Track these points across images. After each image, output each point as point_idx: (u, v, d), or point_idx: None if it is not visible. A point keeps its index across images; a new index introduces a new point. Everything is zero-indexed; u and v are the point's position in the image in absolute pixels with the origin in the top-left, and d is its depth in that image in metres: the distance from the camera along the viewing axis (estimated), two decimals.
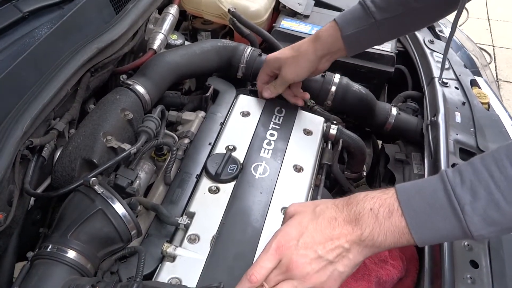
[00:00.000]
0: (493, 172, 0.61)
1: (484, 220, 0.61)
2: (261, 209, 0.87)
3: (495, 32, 3.53)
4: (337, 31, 0.99)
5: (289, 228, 0.68)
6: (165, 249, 0.78)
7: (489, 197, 0.60)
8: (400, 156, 1.15)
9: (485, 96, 1.21)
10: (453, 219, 0.62)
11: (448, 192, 0.62)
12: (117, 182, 0.84)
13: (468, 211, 0.61)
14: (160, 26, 1.22)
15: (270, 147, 0.99)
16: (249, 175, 0.93)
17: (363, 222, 0.65)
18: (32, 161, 0.84)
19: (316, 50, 1.02)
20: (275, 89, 1.08)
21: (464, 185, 0.62)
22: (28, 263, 0.72)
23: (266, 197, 0.89)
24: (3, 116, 0.79)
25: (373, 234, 0.65)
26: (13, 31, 0.89)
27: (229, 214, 0.85)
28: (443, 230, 0.63)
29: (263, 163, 0.95)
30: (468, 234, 0.62)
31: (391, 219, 0.64)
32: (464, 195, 0.61)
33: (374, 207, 0.65)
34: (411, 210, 0.64)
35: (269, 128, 1.03)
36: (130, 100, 0.98)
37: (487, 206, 0.60)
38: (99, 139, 0.87)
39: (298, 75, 1.05)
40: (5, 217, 0.74)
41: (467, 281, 0.78)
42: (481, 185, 0.61)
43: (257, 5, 1.35)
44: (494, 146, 1.06)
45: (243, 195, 0.89)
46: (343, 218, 0.67)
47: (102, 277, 0.75)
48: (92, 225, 0.74)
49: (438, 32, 1.41)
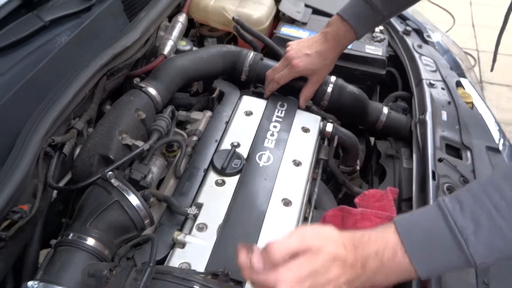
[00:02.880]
0: (493, 197, 0.56)
1: (488, 249, 0.56)
2: (265, 194, 0.87)
3: (479, 37, 3.51)
4: (353, 35, 1.02)
5: (298, 269, 0.58)
6: (176, 236, 0.79)
7: (491, 224, 0.55)
8: (391, 151, 1.15)
9: (469, 96, 1.20)
10: (456, 250, 0.56)
11: (450, 224, 0.57)
12: (132, 176, 0.85)
13: (471, 242, 0.55)
14: (170, 33, 1.23)
15: (273, 137, 1.00)
16: (254, 164, 0.93)
17: (368, 267, 0.60)
18: (54, 157, 0.85)
19: (337, 56, 1.06)
20: (307, 91, 1.10)
21: (465, 214, 0.57)
22: (51, 250, 0.73)
23: (270, 184, 0.90)
24: (27, 116, 0.80)
25: (374, 277, 0.60)
26: (35, 39, 0.89)
27: (236, 199, 0.85)
28: (446, 262, 0.58)
29: (267, 152, 0.96)
30: (472, 263, 0.56)
31: (395, 259, 0.59)
32: (467, 225, 0.56)
33: (378, 251, 0.60)
34: (414, 247, 0.59)
35: (272, 121, 1.04)
36: (143, 101, 0.99)
37: (490, 234, 0.55)
38: (115, 137, 0.88)
39: (322, 80, 1.10)
40: (30, 208, 0.75)
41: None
42: (483, 213, 0.56)
43: (259, 13, 1.35)
44: (478, 142, 1.06)
45: (249, 181, 0.90)
46: (350, 263, 0.60)
47: (119, 262, 0.75)
48: (109, 215, 0.74)
49: (426, 37, 1.40)
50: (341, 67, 1.28)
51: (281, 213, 0.86)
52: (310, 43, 1.06)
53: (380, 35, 1.35)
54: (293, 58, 1.05)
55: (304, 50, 1.06)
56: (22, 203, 0.74)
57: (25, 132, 0.77)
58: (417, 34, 1.41)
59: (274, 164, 0.94)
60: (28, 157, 0.74)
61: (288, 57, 1.07)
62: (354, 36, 1.03)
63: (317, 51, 1.05)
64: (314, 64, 1.05)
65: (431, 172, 0.93)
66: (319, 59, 1.05)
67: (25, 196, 0.76)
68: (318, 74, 1.07)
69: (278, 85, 1.09)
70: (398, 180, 1.06)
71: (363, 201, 0.96)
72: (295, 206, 0.87)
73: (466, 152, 1.03)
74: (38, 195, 0.78)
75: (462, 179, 0.95)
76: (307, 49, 1.05)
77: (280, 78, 1.08)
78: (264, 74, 1.14)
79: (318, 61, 1.05)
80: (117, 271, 0.68)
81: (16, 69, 0.83)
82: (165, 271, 0.69)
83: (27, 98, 0.81)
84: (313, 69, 1.06)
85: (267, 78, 1.12)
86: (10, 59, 0.84)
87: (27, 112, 0.80)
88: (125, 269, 0.68)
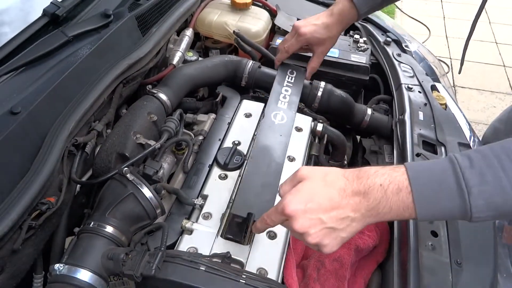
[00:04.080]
0: (502, 160, 0.53)
1: (487, 204, 0.53)
2: (282, 148, 0.86)
3: (452, 47, 3.50)
4: (355, 13, 0.99)
5: (299, 192, 0.60)
6: (184, 224, 0.79)
7: (496, 183, 0.52)
8: (374, 148, 1.14)
9: (443, 98, 1.20)
10: (457, 199, 0.54)
11: (457, 173, 0.54)
12: (145, 171, 0.84)
13: (474, 194, 0.53)
14: (179, 45, 1.22)
15: (285, 100, 0.99)
16: (270, 121, 0.92)
17: (372, 195, 0.57)
18: (77, 155, 0.85)
19: (340, 31, 1.02)
20: (313, 63, 1.07)
21: (473, 169, 0.54)
22: (75, 237, 0.73)
23: (285, 139, 0.88)
24: (53, 119, 0.80)
25: (378, 207, 0.57)
26: (60, 52, 0.89)
27: (255, 149, 0.83)
28: (445, 208, 0.55)
29: (281, 112, 0.95)
30: (468, 215, 0.54)
31: (399, 195, 0.56)
32: (473, 178, 0.53)
33: (384, 183, 0.57)
34: (419, 187, 0.55)
35: (284, 85, 1.04)
36: (155, 106, 0.99)
37: (493, 191, 0.52)
38: (130, 137, 0.88)
39: (326, 52, 1.06)
40: (56, 200, 0.75)
41: (429, 247, 0.78)
42: (490, 171, 0.53)
43: (257, 27, 1.35)
44: (451, 138, 1.06)
45: (266, 137, 0.88)
46: (352, 190, 0.58)
47: (134, 247, 0.75)
48: (125, 206, 0.74)
49: (404, 47, 1.40)
50: (329, 73, 1.28)
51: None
52: (317, 16, 1.02)
53: (363, 45, 1.35)
54: (300, 27, 1.01)
55: (311, 20, 1.02)
56: (49, 196, 0.75)
57: (52, 133, 0.77)
58: (396, 45, 1.41)
59: (288, 123, 0.92)
60: (54, 155, 0.74)
61: (296, 25, 1.03)
62: (356, 14, 0.98)
63: (323, 22, 1.01)
64: (321, 34, 1.00)
65: None
66: (325, 30, 1.01)
67: (52, 190, 0.76)
68: (323, 46, 1.03)
69: (287, 54, 1.07)
70: None
71: None
72: None
73: (441, 148, 1.03)
74: (63, 189, 0.78)
75: None
76: (314, 20, 1.02)
77: (289, 47, 1.05)
78: (262, 80, 1.13)
79: (324, 32, 1.01)
80: (133, 255, 0.68)
81: (44, 78, 0.83)
82: (175, 254, 0.69)
83: (54, 103, 0.81)
84: (318, 38, 1.01)
85: (278, 49, 1.09)
86: (39, 70, 0.84)
87: (53, 115, 0.80)
88: (139, 253, 0.68)
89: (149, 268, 0.65)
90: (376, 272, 0.88)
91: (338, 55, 1.29)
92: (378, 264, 0.88)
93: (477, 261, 0.78)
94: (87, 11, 1.03)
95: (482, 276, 0.76)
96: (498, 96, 2.98)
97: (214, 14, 1.37)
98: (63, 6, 0.96)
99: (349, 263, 0.81)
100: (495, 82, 3.09)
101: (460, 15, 3.91)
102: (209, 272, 0.66)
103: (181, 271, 0.66)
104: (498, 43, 3.57)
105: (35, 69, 0.84)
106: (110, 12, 1.00)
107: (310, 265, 0.79)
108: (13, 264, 0.69)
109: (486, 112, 2.84)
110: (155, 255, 0.66)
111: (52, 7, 0.95)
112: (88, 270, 0.65)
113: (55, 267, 0.65)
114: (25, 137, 0.74)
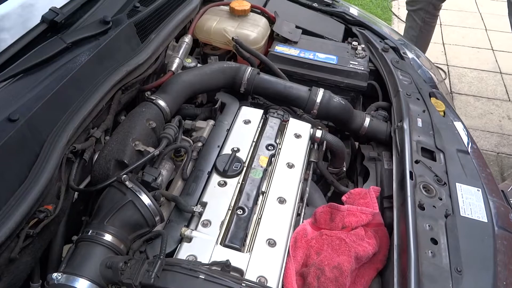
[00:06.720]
0: None
1: None
2: None
3: (449, 54, 3.53)
4: None
5: None
6: (183, 232, 0.78)
7: None
8: (373, 154, 1.14)
9: (441, 105, 1.21)
10: None
11: None
12: (144, 178, 0.84)
13: None
14: (177, 52, 1.23)
15: None
16: None
17: None
18: (75, 162, 0.85)
19: None
20: None
21: None
22: (73, 245, 0.72)
23: None
24: (51, 126, 0.80)
25: None
26: (59, 58, 0.89)
27: None
28: None
29: None
30: None
31: None
32: None
33: None
34: None
35: None
36: (154, 112, 0.99)
37: None
38: (129, 144, 0.87)
39: None
40: (54, 208, 0.75)
41: (429, 254, 0.78)
42: None
43: (255, 34, 1.36)
44: (449, 145, 1.06)
45: None
46: None
47: (133, 255, 0.75)
48: (124, 213, 0.74)
49: (402, 54, 1.41)
50: (328, 79, 1.28)
51: (277, 211, 0.85)
52: None
53: (362, 52, 1.36)
54: None
55: None
56: (47, 204, 0.74)
57: (50, 140, 0.77)
58: (394, 51, 1.42)
59: None
60: (53, 163, 0.74)
61: None
62: None
63: None
64: None
65: (409, 172, 0.93)
66: None
67: (50, 197, 0.75)
68: None
69: None
70: (380, 179, 1.06)
71: (349, 198, 0.96)
72: (289, 204, 0.87)
73: (440, 154, 1.03)
74: (61, 196, 0.78)
75: (436, 178, 0.95)
76: None
77: None
78: (261, 87, 1.14)
79: None
80: (131, 263, 0.68)
81: (42, 85, 0.83)
82: (174, 263, 0.69)
83: (52, 110, 0.81)
84: None
85: None
86: (37, 76, 0.84)
87: (52, 122, 0.80)
88: (138, 262, 0.68)
89: (148, 277, 0.64)
90: (376, 279, 0.87)
91: (337, 61, 1.30)
92: (378, 272, 0.88)
93: (477, 268, 0.78)
94: (86, 17, 1.04)
95: (482, 283, 0.76)
96: (495, 102, 3.00)
97: (213, 21, 1.37)
98: (62, 12, 0.96)
99: (348, 270, 0.81)
100: (491, 88, 3.11)
101: (456, 22, 3.95)
102: (208, 280, 0.66)
103: (180, 280, 0.66)
104: (494, 50, 3.60)
105: (34, 75, 0.84)
106: (109, 18, 1.00)
107: (310, 273, 0.79)
108: (10, 273, 0.68)
109: (483, 118, 2.86)
110: (154, 263, 0.66)
111: (51, 13, 0.95)
112: (86, 279, 0.65)
113: (53, 276, 0.65)
114: (23, 144, 0.73)
